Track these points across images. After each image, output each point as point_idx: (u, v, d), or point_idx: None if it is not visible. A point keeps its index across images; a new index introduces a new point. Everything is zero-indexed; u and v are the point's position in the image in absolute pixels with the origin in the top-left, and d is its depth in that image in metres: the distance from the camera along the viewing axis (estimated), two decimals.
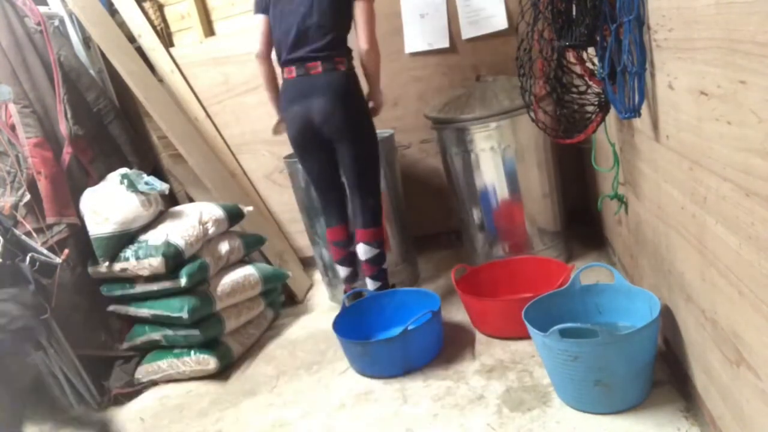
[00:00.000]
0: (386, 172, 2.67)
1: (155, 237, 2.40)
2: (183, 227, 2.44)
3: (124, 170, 2.57)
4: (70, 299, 2.43)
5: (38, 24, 2.67)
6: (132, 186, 2.46)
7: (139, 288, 2.45)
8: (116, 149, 2.94)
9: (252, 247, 2.76)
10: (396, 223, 2.81)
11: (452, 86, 2.75)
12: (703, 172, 1.14)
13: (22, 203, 2.38)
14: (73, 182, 2.56)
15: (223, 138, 3.33)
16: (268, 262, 2.99)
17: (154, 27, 3.21)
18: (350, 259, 2.56)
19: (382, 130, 2.64)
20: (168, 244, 2.35)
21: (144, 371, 2.51)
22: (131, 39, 3.15)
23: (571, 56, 1.74)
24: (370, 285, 2.51)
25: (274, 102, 2.48)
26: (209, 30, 3.23)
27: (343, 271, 2.59)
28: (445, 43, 2.93)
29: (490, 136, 2.51)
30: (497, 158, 2.54)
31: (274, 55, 2.42)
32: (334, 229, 2.54)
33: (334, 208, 2.52)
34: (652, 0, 1.30)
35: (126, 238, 2.43)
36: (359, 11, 2.26)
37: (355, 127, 2.31)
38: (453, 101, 2.61)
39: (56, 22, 2.91)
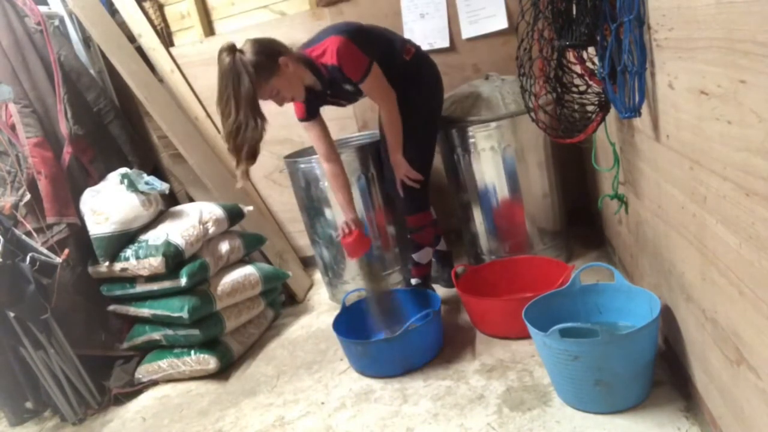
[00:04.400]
0: None
1: (155, 236, 2.40)
2: (183, 227, 2.44)
3: (124, 170, 2.57)
4: (70, 299, 2.43)
5: (38, 24, 2.67)
6: (132, 186, 2.46)
7: (140, 288, 2.45)
8: (116, 149, 2.95)
9: (252, 247, 2.76)
10: (396, 223, 2.81)
11: (452, 85, 2.75)
12: (704, 172, 1.14)
13: (22, 203, 2.38)
14: (74, 182, 2.56)
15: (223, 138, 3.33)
16: (269, 262, 3.00)
17: (154, 27, 3.22)
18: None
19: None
20: (168, 243, 2.35)
21: (144, 371, 2.51)
22: (131, 39, 3.15)
23: (571, 56, 1.74)
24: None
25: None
26: (209, 30, 3.23)
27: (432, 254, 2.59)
28: (445, 43, 2.93)
29: (490, 135, 2.51)
30: (497, 158, 2.54)
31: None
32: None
33: None
34: None
35: (126, 237, 2.43)
36: None
37: None
38: (459, 101, 2.60)
39: (56, 22, 2.92)
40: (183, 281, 2.34)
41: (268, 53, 1.99)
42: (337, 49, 2.03)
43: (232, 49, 1.94)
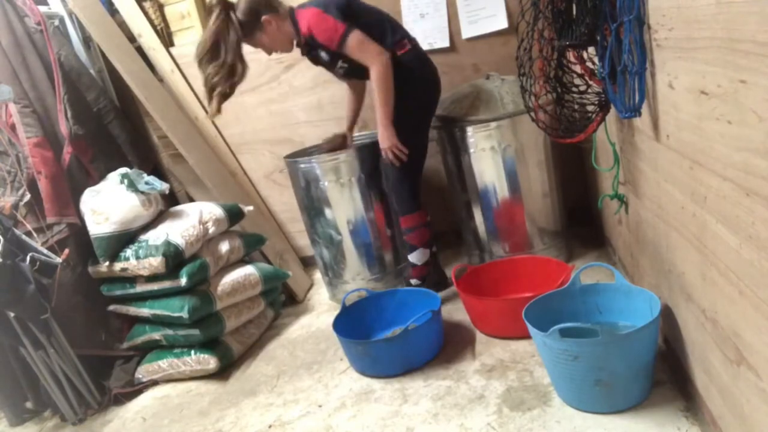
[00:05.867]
0: None
1: (155, 236, 2.40)
2: (183, 227, 2.44)
3: (124, 170, 2.57)
4: (70, 299, 2.43)
5: (38, 23, 2.67)
6: (132, 185, 2.46)
7: (140, 288, 2.45)
8: (116, 149, 2.94)
9: (252, 247, 2.76)
10: (396, 223, 2.81)
11: (452, 85, 2.75)
12: (704, 172, 1.14)
13: (22, 203, 2.38)
14: (74, 182, 2.56)
15: (223, 138, 3.33)
16: (269, 262, 3.00)
17: (154, 26, 3.21)
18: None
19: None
20: (168, 243, 2.35)
21: (144, 371, 2.51)
22: (131, 39, 3.15)
23: (571, 56, 1.74)
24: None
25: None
26: None
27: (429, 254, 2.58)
28: (445, 43, 2.93)
29: (490, 135, 2.51)
30: (497, 158, 2.54)
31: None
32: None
33: None
34: None
35: (126, 237, 2.43)
36: None
37: None
38: (458, 101, 2.60)
39: (56, 22, 2.92)
40: (183, 281, 2.34)
41: (255, 12, 2.24)
42: (308, 22, 2.23)
43: (225, 5, 2.20)
